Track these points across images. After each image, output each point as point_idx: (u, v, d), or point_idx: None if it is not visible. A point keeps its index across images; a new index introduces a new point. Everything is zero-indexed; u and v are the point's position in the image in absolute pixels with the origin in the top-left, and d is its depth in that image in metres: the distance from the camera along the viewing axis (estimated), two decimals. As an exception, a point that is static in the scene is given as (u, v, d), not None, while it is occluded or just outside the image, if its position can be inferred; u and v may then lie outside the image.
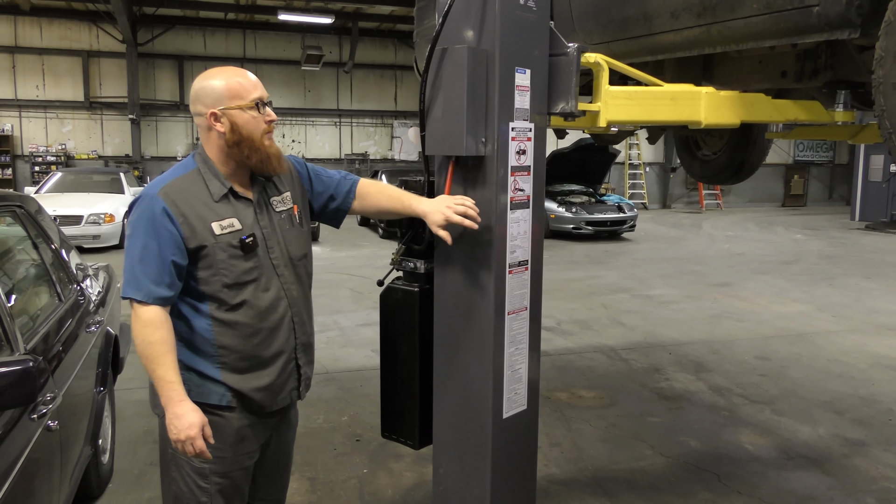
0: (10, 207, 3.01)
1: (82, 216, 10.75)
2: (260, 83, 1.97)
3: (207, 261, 1.88)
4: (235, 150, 1.91)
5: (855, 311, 7.44)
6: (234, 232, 1.90)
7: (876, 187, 17.43)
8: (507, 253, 2.15)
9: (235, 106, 1.89)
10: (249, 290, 1.92)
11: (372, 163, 18.91)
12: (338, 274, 9.26)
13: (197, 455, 1.85)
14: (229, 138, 1.90)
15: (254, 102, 1.91)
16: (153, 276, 1.82)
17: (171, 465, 1.97)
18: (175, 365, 1.84)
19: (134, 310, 1.83)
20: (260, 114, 1.92)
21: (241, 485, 2.04)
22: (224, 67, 1.98)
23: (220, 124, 1.90)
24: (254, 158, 1.92)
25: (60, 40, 16.65)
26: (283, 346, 2.01)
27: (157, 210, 1.84)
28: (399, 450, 3.74)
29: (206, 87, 1.91)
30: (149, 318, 1.82)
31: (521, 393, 2.28)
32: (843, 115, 2.81)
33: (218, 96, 1.89)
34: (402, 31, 18.39)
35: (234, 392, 1.94)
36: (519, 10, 2.07)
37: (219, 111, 1.89)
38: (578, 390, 4.90)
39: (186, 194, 1.89)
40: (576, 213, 13.02)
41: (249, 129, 1.90)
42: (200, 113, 1.92)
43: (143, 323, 1.82)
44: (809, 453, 3.91)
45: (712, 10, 2.36)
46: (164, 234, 1.83)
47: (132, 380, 4.53)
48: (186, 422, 1.82)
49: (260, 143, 1.92)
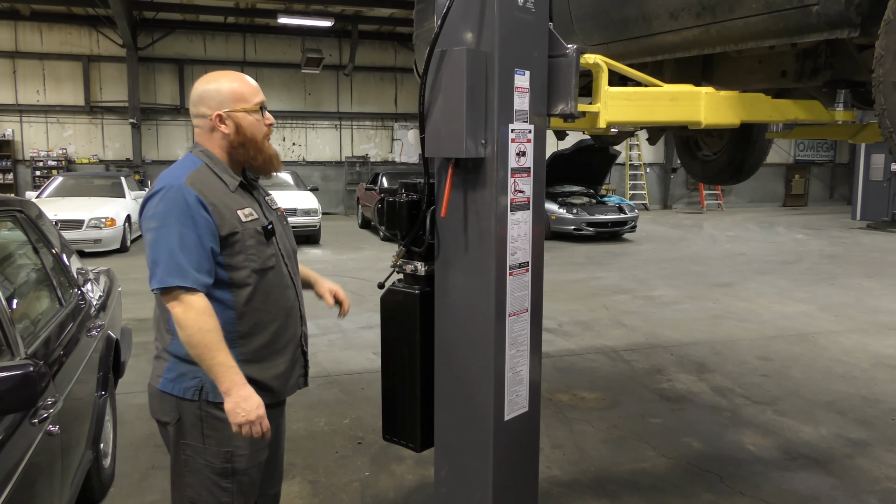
0: (11, 212, 3.01)
1: (83, 220, 10.74)
2: (259, 88, 2.04)
3: (238, 246, 1.92)
4: (241, 151, 1.98)
5: (857, 311, 7.43)
6: (255, 220, 1.97)
7: (877, 186, 17.41)
8: (508, 255, 2.15)
9: (240, 108, 1.96)
10: (270, 276, 1.99)
11: (372, 165, 18.91)
12: (339, 277, 9.26)
13: (261, 436, 1.88)
14: (234, 139, 1.97)
15: (257, 106, 1.99)
16: (195, 264, 1.83)
17: (184, 471, 1.96)
18: (228, 350, 1.86)
19: (181, 300, 1.82)
20: (262, 117, 2.01)
21: (256, 481, 2.06)
22: (226, 71, 2.04)
23: (224, 126, 1.96)
24: (259, 159, 2.01)
25: (61, 45, 16.66)
26: (293, 333, 2.08)
27: (189, 199, 1.85)
28: (401, 452, 3.73)
29: (210, 89, 1.96)
30: (202, 306, 1.83)
31: (522, 395, 2.28)
32: (844, 115, 2.81)
33: (223, 99, 1.95)
34: (402, 34, 18.39)
35: (254, 383, 1.95)
36: (518, 11, 2.07)
37: (224, 113, 1.95)
38: (580, 392, 4.89)
39: (209, 184, 1.93)
40: (576, 215, 13.02)
41: (253, 131, 1.99)
42: (204, 115, 1.97)
43: (197, 311, 1.82)
44: (812, 454, 3.90)
45: (711, 10, 2.36)
46: (201, 222, 1.85)
47: (133, 384, 4.52)
48: (254, 402, 1.85)
49: (263, 144, 2.01)
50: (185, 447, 1.94)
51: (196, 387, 1.92)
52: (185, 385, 1.93)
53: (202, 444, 1.94)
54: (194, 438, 1.94)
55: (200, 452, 1.95)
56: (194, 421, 1.93)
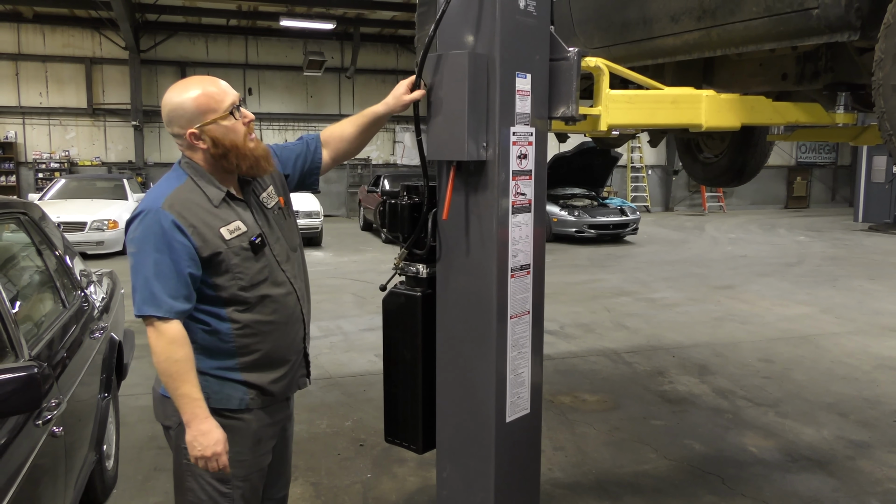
0: (15, 214, 3.02)
1: (86, 222, 10.76)
2: (229, 87, 1.93)
3: (223, 266, 1.88)
4: (224, 162, 1.90)
5: (859, 313, 7.43)
6: (241, 234, 1.91)
7: (879, 188, 17.39)
8: (509, 257, 2.16)
9: (211, 121, 1.87)
10: (264, 288, 1.94)
11: (374, 167, 18.93)
12: (340, 279, 9.26)
13: (219, 471, 1.86)
14: (214, 152, 1.89)
15: (228, 111, 1.88)
16: (171, 291, 1.80)
17: (186, 475, 1.95)
18: (197, 381, 1.84)
19: (154, 327, 1.81)
20: (236, 119, 1.90)
21: (258, 486, 2.06)
22: (189, 80, 1.92)
23: (201, 142, 1.88)
24: (244, 165, 1.92)
25: (63, 47, 16.70)
26: (294, 338, 2.05)
27: (165, 224, 1.81)
28: (403, 454, 3.74)
29: (177, 108, 1.87)
30: (173, 335, 1.80)
31: (524, 397, 2.29)
32: (844, 117, 2.81)
33: (191, 115, 1.86)
34: (404, 37, 18.42)
35: (253, 388, 1.95)
36: (519, 14, 2.07)
37: (196, 130, 1.87)
38: (582, 394, 4.90)
39: (190, 204, 1.87)
40: (578, 217, 13.02)
41: (232, 139, 1.89)
42: (178, 134, 1.90)
43: (167, 340, 1.80)
44: (814, 455, 3.90)
45: (712, 13, 2.37)
46: (178, 248, 1.81)
47: (136, 385, 4.53)
48: (213, 438, 1.83)
49: (245, 149, 1.91)
50: (186, 451, 1.92)
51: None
52: None
53: None
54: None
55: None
56: None
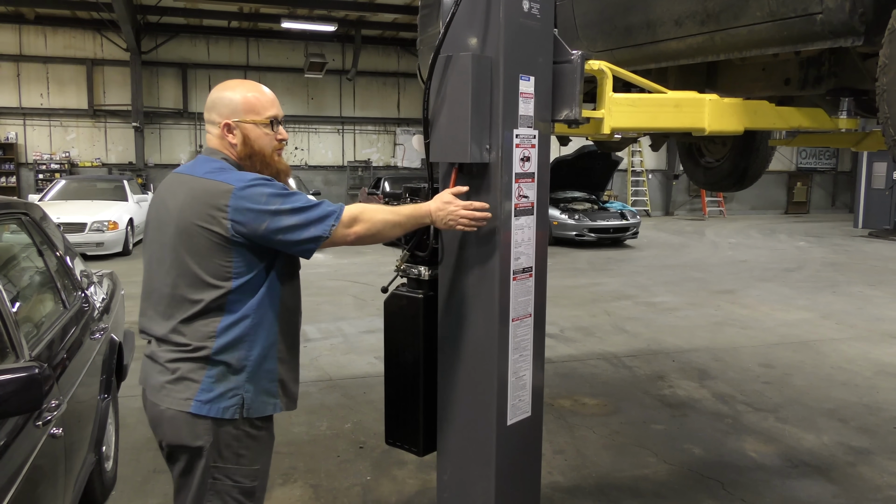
0: (16, 215, 3.02)
1: (86, 224, 10.76)
2: (277, 101, 1.99)
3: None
4: (247, 163, 1.94)
5: (859, 319, 7.42)
6: None
7: (879, 195, 17.40)
8: (512, 259, 2.16)
9: (250, 120, 1.93)
10: (297, 272, 2.04)
11: (375, 170, 18.94)
12: (341, 281, 9.26)
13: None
14: (241, 150, 1.93)
15: (269, 119, 1.95)
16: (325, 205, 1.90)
17: (209, 493, 1.88)
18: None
19: (345, 232, 1.88)
20: (273, 131, 1.96)
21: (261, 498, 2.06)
22: (244, 80, 2.00)
23: (232, 135, 1.93)
24: (265, 173, 1.94)
25: (65, 49, 16.73)
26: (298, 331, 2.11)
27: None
28: (403, 457, 3.73)
29: (224, 97, 1.94)
30: (352, 217, 1.90)
31: (525, 400, 2.28)
32: (847, 123, 2.81)
33: (234, 108, 1.92)
34: (405, 39, 18.45)
35: (283, 386, 1.96)
36: (523, 17, 2.08)
37: (232, 122, 1.92)
38: (582, 397, 4.89)
39: None
40: (579, 220, 13.02)
41: (261, 145, 1.94)
42: (214, 122, 1.94)
43: (359, 226, 1.91)
44: (814, 461, 3.89)
45: (716, 17, 2.37)
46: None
47: (136, 387, 4.48)
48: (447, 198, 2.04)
49: (271, 159, 1.97)
50: (216, 470, 1.86)
51: (237, 405, 1.86)
52: (223, 405, 1.84)
53: (236, 464, 1.88)
54: (229, 459, 1.88)
55: (233, 474, 1.88)
56: (230, 441, 1.87)
